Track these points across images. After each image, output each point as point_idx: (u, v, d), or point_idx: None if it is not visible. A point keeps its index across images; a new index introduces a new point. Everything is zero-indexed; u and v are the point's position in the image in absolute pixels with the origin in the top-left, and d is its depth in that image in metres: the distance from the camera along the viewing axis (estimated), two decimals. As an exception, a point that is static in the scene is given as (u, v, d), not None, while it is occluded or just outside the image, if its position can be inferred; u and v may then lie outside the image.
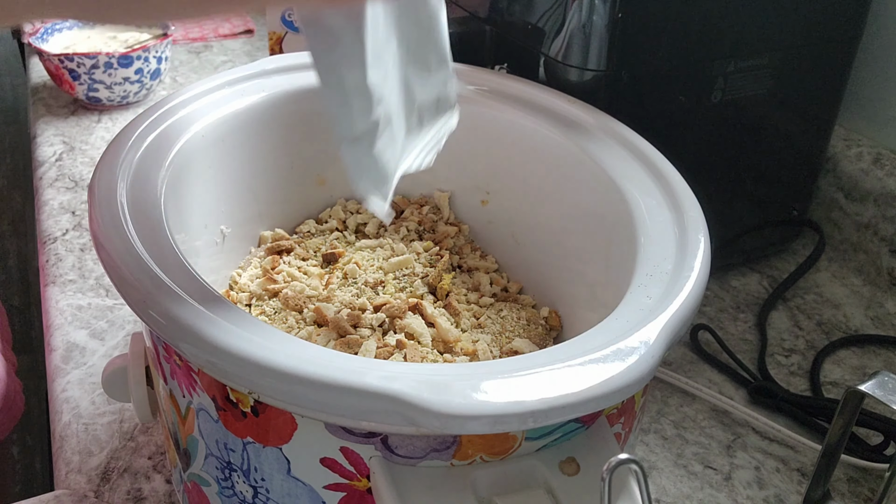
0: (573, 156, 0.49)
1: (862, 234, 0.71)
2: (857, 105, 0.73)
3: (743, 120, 0.61)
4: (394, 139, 0.40)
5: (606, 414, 0.36)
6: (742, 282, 0.70)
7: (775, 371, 0.61)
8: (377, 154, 0.38)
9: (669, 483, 0.52)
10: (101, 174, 0.42)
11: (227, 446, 0.37)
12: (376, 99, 0.37)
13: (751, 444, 0.55)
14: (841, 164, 0.71)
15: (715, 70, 0.58)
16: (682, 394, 0.59)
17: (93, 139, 0.88)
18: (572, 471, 0.34)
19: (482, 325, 0.49)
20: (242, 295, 0.50)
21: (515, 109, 0.52)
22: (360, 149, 0.38)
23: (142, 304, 0.34)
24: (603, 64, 0.54)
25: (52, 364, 0.59)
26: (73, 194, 0.78)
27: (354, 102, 0.37)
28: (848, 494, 0.52)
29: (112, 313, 0.64)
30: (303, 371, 0.31)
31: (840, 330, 0.66)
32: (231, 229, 0.51)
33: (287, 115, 0.53)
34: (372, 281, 0.50)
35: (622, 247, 0.43)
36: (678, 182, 0.45)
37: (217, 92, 0.51)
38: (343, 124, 0.37)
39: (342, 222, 0.56)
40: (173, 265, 0.37)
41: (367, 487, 0.35)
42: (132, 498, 0.50)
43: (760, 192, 0.67)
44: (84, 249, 0.71)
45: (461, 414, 0.29)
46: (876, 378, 0.43)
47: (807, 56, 0.62)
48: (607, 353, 0.33)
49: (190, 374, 0.37)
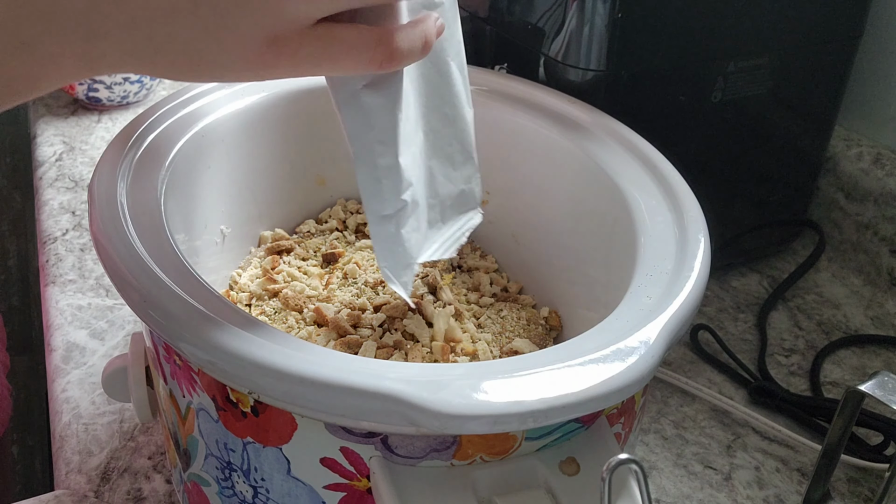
0: (573, 156, 0.49)
1: (862, 234, 0.71)
2: (857, 105, 0.73)
3: (743, 120, 0.61)
4: (419, 227, 0.41)
5: (606, 414, 0.36)
6: (742, 282, 0.70)
7: (775, 371, 0.61)
8: (404, 236, 0.39)
9: (669, 483, 0.52)
10: (101, 174, 0.42)
11: (227, 446, 0.37)
12: (406, 181, 0.39)
13: (751, 444, 0.55)
14: (841, 164, 0.71)
15: (715, 70, 0.58)
16: (682, 394, 0.59)
17: (93, 139, 0.88)
18: (572, 471, 0.34)
19: (482, 325, 0.49)
20: (242, 295, 0.50)
21: (515, 109, 0.52)
22: (388, 228, 0.39)
23: (142, 304, 0.34)
24: (603, 64, 0.54)
25: (52, 364, 0.59)
26: (73, 194, 0.78)
27: (386, 182, 0.38)
28: (848, 494, 0.52)
29: (112, 313, 0.64)
30: (303, 371, 0.31)
31: (840, 330, 0.66)
32: (231, 229, 0.51)
33: (287, 115, 0.53)
34: (372, 281, 0.50)
35: (622, 247, 0.43)
36: (678, 182, 0.45)
37: (217, 92, 0.51)
38: (374, 202, 0.38)
39: (342, 222, 0.56)
40: (173, 265, 0.36)
41: (367, 487, 0.35)
42: (132, 498, 0.50)
43: (760, 192, 0.67)
44: (84, 249, 0.71)
45: (461, 414, 0.29)
46: (876, 378, 0.43)
47: (807, 56, 0.62)
48: (607, 353, 0.33)
49: (190, 374, 0.37)
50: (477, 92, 0.54)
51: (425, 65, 0.42)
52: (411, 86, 0.40)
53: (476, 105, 0.47)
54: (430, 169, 0.43)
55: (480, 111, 0.53)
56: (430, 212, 0.43)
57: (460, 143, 0.46)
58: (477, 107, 0.51)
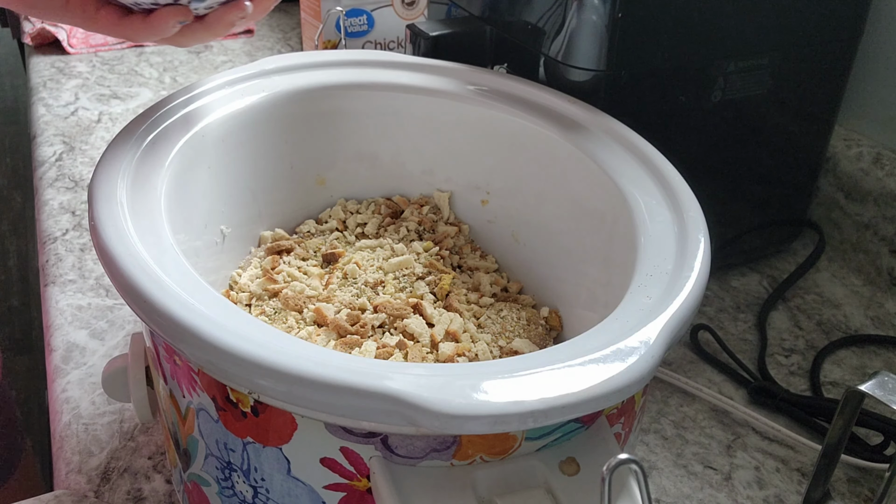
0: (573, 156, 0.49)
1: (862, 234, 0.71)
2: (857, 105, 0.73)
3: (743, 120, 0.61)
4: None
5: (606, 414, 0.36)
6: (742, 282, 0.70)
7: (775, 371, 0.61)
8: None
9: (669, 483, 0.52)
10: (101, 174, 0.42)
11: (227, 446, 0.37)
12: None
13: (751, 444, 0.55)
14: (841, 164, 0.71)
15: (715, 70, 0.58)
16: (682, 394, 0.59)
17: (93, 139, 0.88)
18: (572, 471, 0.34)
19: (482, 325, 0.49)
20: (242, 295, 0.50)
21: (515, 109, 0.52)
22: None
23: (142, 304, 0.34)
24: (603, 64, 0.54)
25: (52, 364, 0.59)
26: (73, 194, 0.78)
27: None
28: (848, 494, 0.52)
29: (112, 313, 0.64)
30: (303, 371, 0.31)
31: (840, 330, 0.66)
32: (231, 229, 0.51)
33: (287, 115, 0.53)
34: (372, 281, 0.50)
35: (622, 247, 0.43)
36: (678, 182, 0.45)
37: (217, 92, 0.51)
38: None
39: (342, 222, 0.56)
40: (173, 265, 0.37)
41: (367, 487, 0.35)
42: (132, 498, 0.50)
43: (760, 192, 0.67)
44: (84, 249, 0.71)
45: (461, 414, 0.29)
46: (876, 378, 0.43)
47: (807, 56, 0.62)
48: (607, 353, 0.33)
49: (190, 374, 0.37)
50: (477, 92, 0.54)
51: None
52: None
53: (476, 105, 0.47)
54: None
55: (480, 111, 0.53)
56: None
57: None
58: (477, 107, 0.51)
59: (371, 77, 0.55)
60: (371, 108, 0.55)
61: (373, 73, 0.55)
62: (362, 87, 0.55)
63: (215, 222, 0.50)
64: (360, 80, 0.55)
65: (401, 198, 0.58)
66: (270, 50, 1.09)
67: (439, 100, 0.54)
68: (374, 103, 0.55)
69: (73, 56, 1.06)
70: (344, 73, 0.55)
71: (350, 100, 0.55)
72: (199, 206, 0.48)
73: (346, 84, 0.55)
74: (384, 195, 0.58)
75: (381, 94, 0.55)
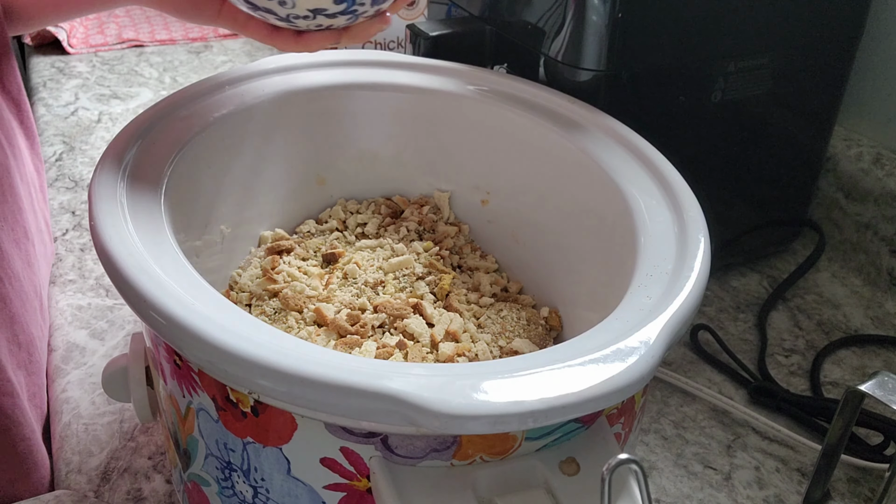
0: (573, 156, 0.49)
1: (862, 234, 0.71)
2: (857, 105, 0.73)
3: (743, 120, 0.61)
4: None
5: (606, 414, 0.36)
6: (742, 282, 0.70)
7: (775, 371, 0.61)
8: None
9: (669, 483, 0.52)
10: (101, 174, 0.42)
11: (227, 446, 0.37)
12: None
13: (751, 444, 0.55)
14: (841, 164, 0.71)
15: (715, 70, 0.58)
16: (682, 394, 0.59)
17: (93, 139, 0.88)
18: (572, 471, 0.34)
19: (482, 325, 0.49)
20: (242, 295, 0.50)
21: (515, 109, 0.52)
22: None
23: (142, 304, 0.34)
24: (603, 64, 0.54)
25: (52, 364, 0.59)
26: (73, 194, 0.78)
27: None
28: (848, 494, 0.52)
29: (112, 313, 0.64)
30: (303, 371, 0.31)
31: (840, 330, 0.66)
32: (231, 229, 0.51)
33: (287, 115, 0.53)
34: (372, 281, 0.50)
35: (622, 247, 0.43)
36: (678, 182, 0.45)
37: (217, 92, 0.51)
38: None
39: (342, 222, 0.56)
40: (173, 265, 0.37)
41: (367, 487, 0.35)
42: (132, 498, 0.50)
43: (760, 192, 0.67)
44: (84, 249, 0.71)
45: (461, 414, 0.29)
46: (876, 378, 0.43)
47: (807, 56, 0.62)
48: (607, 353, 0.33)
49: (190, 374, 0.37)
50: (477, 92, 0.54)
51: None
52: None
53: (476, 105, 0.47)
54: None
55: (480, 111, 0.53)
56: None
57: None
58: (477, 107, 0.51)
59: (371, 77, 0.55)
60: (371, 108, 0.55)
61: (373, 73, 0.55)
62: (362, 87, 0.55)
63: (215, 222, 0.50)
64: (360, 80, 0.55)
65: (401, 198, 0.58)
66: (270, 50, 1.09)
67: (439, 100, 0.54)
68: (374, 103, 0.55)
69: (74, 56, 1.06)
70: (344, 73, 0.55)
71: (350, 100, 0.55)
72: (199, 206, 0.48)
73: (346, 84, 0.55)
74: (384, 195, 0.58)
75: (381, 94, 0.55)
